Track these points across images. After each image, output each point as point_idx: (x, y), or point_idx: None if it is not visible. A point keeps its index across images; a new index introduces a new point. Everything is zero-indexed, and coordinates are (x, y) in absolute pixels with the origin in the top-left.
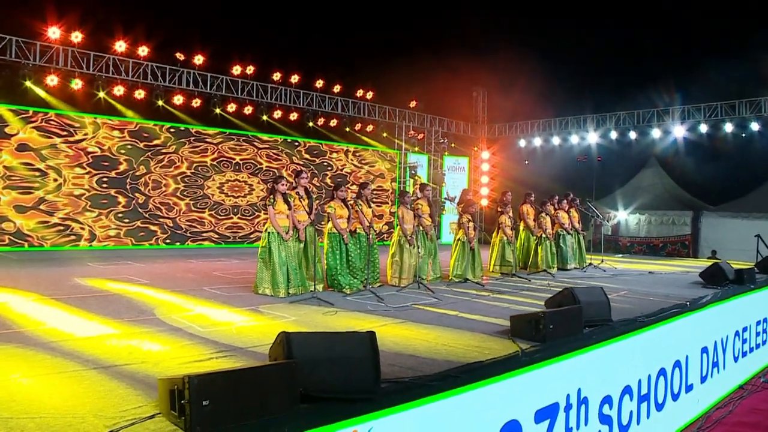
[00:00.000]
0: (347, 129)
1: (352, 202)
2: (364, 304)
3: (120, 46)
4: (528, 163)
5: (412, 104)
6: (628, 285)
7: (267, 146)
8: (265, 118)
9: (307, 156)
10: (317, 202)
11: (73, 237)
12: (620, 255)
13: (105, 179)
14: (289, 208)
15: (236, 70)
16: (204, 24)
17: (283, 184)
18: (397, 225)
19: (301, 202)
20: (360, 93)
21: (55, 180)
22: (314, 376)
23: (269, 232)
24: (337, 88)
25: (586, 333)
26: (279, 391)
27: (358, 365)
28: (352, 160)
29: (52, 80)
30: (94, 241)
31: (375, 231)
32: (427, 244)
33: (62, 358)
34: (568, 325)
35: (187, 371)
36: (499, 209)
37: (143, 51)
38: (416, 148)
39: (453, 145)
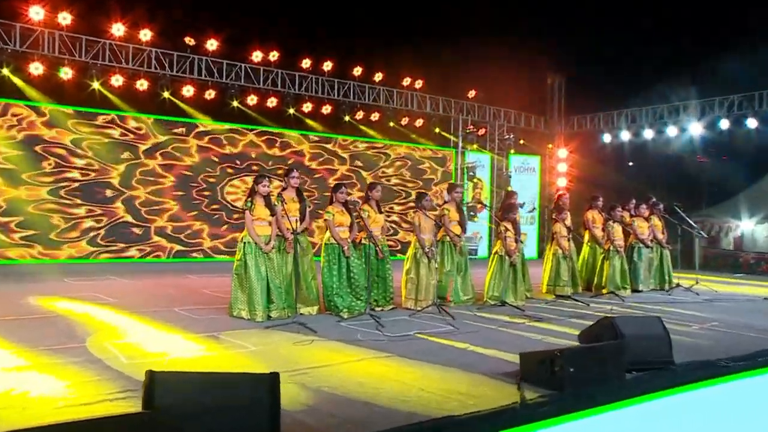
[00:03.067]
0: (391, 124)
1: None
2: (354, 332)
3: (118, 29)
4: (632, 165)
5: (471, 94)
6: (723, 314)
7: (296, 145)
8: (292, 111)
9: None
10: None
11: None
12: (738, 275)
13: (93, 183)
14: (272, 214)
15: (257, 56)
16: (218, 3)
17: (264, 185)
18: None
19: (284, 205)
20: (407, 82)
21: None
22: None
23: (245, 242)
24: (378, 77)
25: (629, 379)
26: None
27: (249, 418)
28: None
29: (36, 68)
30: (88, 254)
31: (385, 242)
32: (455, 258)
33: None
34: (599, 367)
35: (54, 418)
36: (554, 216)
37: (145, 35)
38: (475, 146)
39: (521, 141)
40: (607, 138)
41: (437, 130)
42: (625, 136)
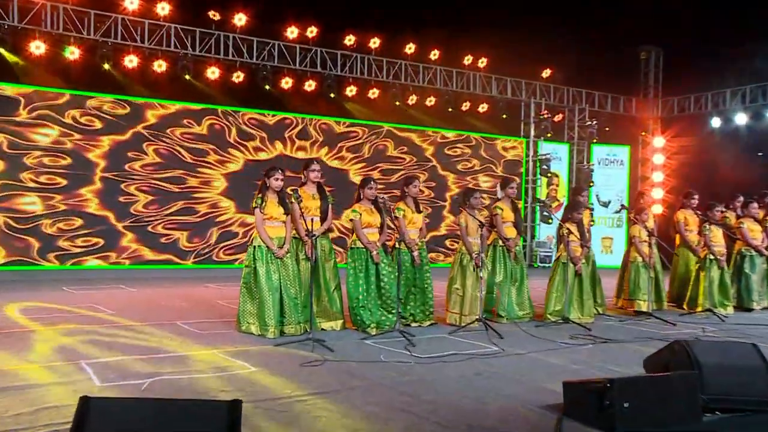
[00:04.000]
0: (450, 109)
1: (391, 204)
2: (377, 352)
3: (131, 2)
4: (762, 155)
5: (546, 74)
6: None
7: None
8: (332, 95)
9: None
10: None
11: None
12: None
13: (119, 179)
14: (286, 213)
15: (292, 32)
16: None
17: (276, 179)
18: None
19: (297, 202)
20: (468, 60)
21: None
22: None
23: (255, 246)
24: (434, 55)
25: (707, 421)
26: None
27: None
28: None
29: (37, 47)
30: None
31: (424, 246)
32: (508, 266)
33: None
34: (664, 403)
35: None
36: (633, 216)
37: (163, 9)
38: (550, 135)
39: (607, 129)
40: (716, 122)
41: (504, 116)
42: (741, 119)
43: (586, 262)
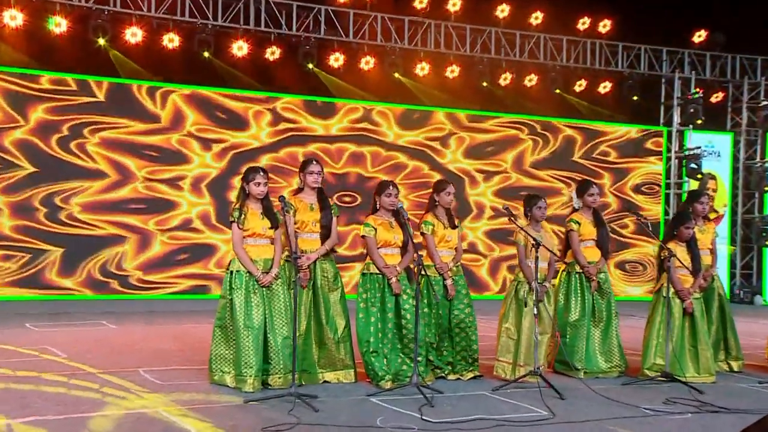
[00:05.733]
0: (557, 90)
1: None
2: (378, 414)
3: None
4: None
5: (698, 37)
6: None
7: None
8: (397, 75)
9: None
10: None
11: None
12: None
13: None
14: (274, 227)
15: None
16: None
17: (257, 183)
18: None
19: (285, 214)
20: (584, 23)
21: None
22: None
23: (232, 272)
24: (536, 18)
25: None
26: None
27: None
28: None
29: (13, 18)
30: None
31: (460, 270)
32: (588, 300)
33: None
34: None
35: None
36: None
37: None
38: (701, 121)
39: None
40: None
41: (635, 97)
42: None
43: (700, 297)
